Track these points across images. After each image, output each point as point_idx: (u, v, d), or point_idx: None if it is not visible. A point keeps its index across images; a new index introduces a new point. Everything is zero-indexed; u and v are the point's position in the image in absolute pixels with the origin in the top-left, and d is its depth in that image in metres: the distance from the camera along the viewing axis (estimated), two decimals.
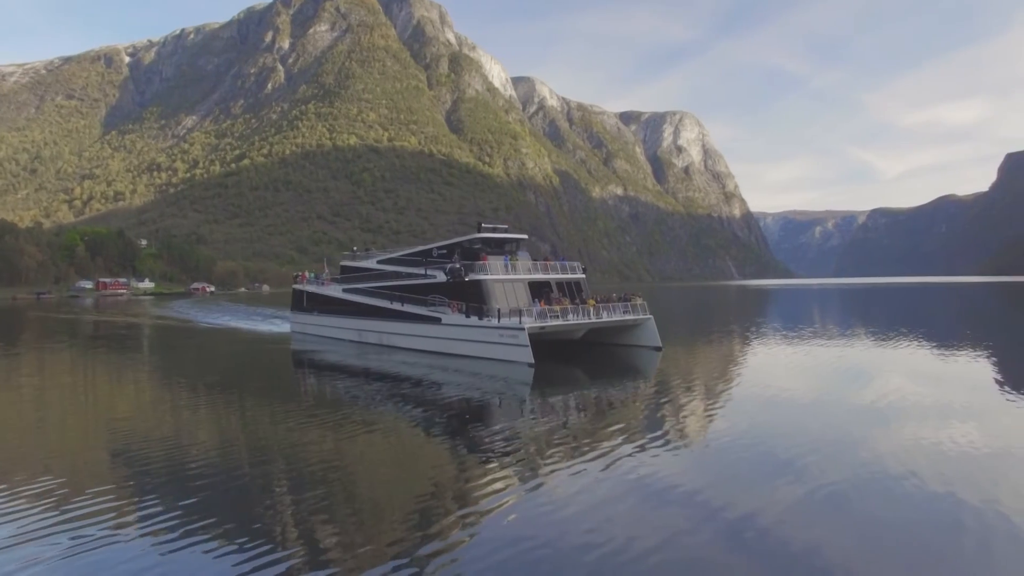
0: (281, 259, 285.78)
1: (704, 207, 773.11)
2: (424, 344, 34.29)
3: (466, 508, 10.85)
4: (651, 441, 15.11)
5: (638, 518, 10.36)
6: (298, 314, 49.04)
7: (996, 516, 10.33)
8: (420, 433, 16.42)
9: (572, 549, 9.15)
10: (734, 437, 15.58)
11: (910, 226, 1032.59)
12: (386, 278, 39.51)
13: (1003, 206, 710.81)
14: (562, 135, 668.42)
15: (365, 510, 10.81)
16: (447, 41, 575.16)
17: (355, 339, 40.70)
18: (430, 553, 9.09)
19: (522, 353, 28.29)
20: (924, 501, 11.10)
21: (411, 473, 13.14)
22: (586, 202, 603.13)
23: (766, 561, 8.87)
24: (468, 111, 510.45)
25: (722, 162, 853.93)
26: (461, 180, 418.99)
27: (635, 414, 18.54)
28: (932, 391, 21.84)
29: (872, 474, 12.55)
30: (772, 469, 12.93)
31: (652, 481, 12.18)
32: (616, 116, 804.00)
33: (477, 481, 12.33)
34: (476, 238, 36.01)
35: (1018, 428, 16.52)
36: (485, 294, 31.84)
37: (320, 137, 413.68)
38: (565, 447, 14.53)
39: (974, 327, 53.12)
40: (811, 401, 20.31)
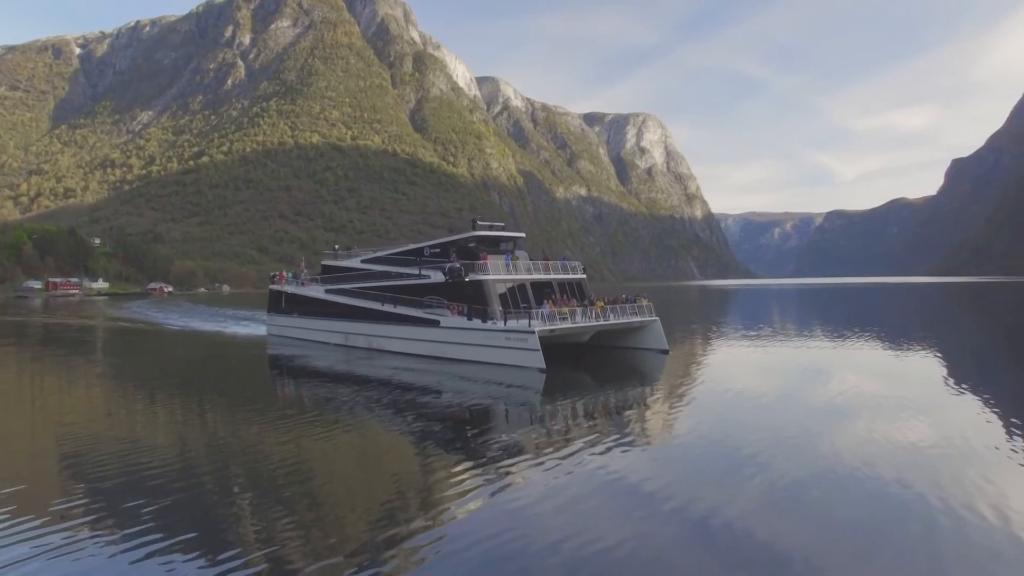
0: (242, 259, 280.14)
1: (667, 208, 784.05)
2: (420, 348, 32.59)
3: (436, 512, 10.89)
4: (618, 442, 15.42)
5: (605, 517, 10.58)
6: (276, 316, 46.66)
7: (944, 506, 10.95)
8: (416, 442, 15.76)
9: (540, 549, 9.31)
10: (700, 435, 16.09)
11: (865, 228, 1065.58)
12: (374, 278, 37.84)
13: (950, 210, 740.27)
14: (526, 135, 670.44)
15: (333, 516, 10.74)
16: (411, 40, 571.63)
17: (341, 343, 38.71)
18: (398, 555, 9.17)
19: (532, 358, 27.06)
20: (877, 493, 11.66)
21: (390, 479, 13.01)
22: (550, 202, 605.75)
23: (729, 555, 9.22)
24: (432, 110, 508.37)
25: (684, 164, 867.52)
26: (425, 180, 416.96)
27: (622, 419, 18.50)
28: (885, 388, 22.85)
29: (830, 468, 13.15)
30: (736, 466, 13.36)
31: (619, 481, 12.46)
32: (580, 117, 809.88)
33: (447, 484, 12.39)
34: (473, 236, 34.17)
35: (963, 422, 17.45)
36: (487, 295, 30.34)
37: (282, 135, 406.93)
38: (541, 450, 14.64)
39: (923, 326, 55.71)
40: (773, 399, 21.04)
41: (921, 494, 11.50)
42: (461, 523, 10.37)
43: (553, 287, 33.95)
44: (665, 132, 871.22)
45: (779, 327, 52.18)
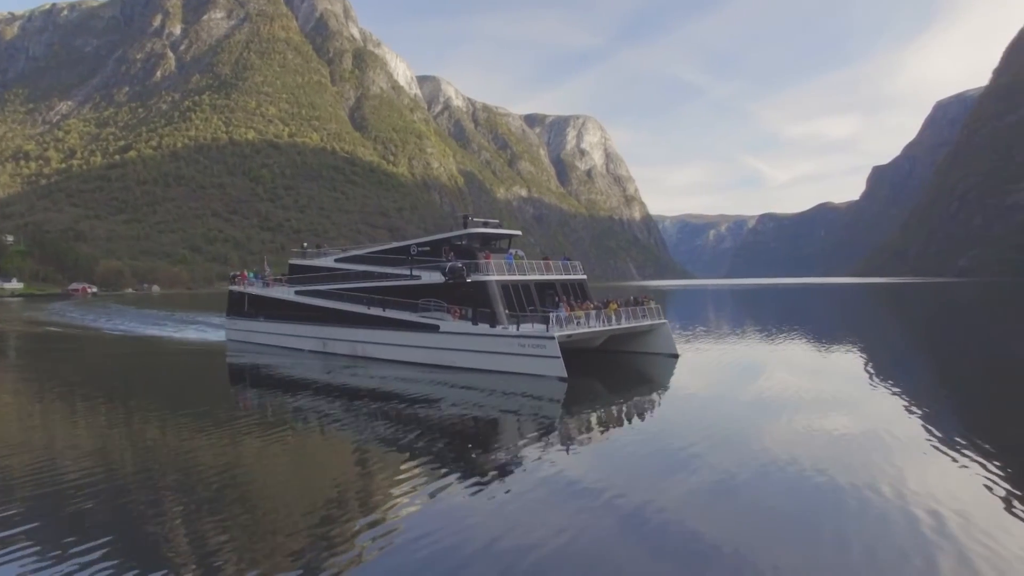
0: (172, 258, 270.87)
1: (606, 209, 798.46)
2: (415, 355, 30.37)
3: (376, 520, 11.05)
4: (563, 445, 16.22)
5: (545, 518, 11.13)
6: (237, 320, 43.34)
7: (866, 495, 12.11)
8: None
9: (475, 552, 9.72)
10: (637, 435, 17.36)
11: (794, 230, 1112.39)
12: (354, 279, 35.43)
13: (871, 214, 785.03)
14: (467, 136, 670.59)
15: (272, 530, 10.72)
16: (351, 36, 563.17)
17: (317, 349, 36.17)
18: (337, 565, 9.39)
19: (552, 366, 25.29)
20: (803, 484, 12.82)
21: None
22: (491, 203, 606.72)
23: (663, 547, 9.98)
24: (372, 109, 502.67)
25: (623, 166, 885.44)
26: (365, 179, 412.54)
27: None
28: (811, 384, 25.08)
29: (758, 462, 14.33)
30: (672, 464, 14.38)
31: (559, 483, 13.10)
32: (521, 118, 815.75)
33: (388, 493, 12.63)
34: (469, 233, 32.00)
35: (882, 415, 19.35)
36: (492, 297, 28.31)
37: (216, 130, 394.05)
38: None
39: (846, 325, 61.07)
40: (707, 396, 23.01)
41: (847, 487, 12.48)
42: (406, 532, 10.56)
43: (556, 288, 32.22)
44: (605, 134, 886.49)
45: (714, 326, 54.89)
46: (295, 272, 41.00)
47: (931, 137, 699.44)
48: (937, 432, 17.06)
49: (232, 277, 46.63)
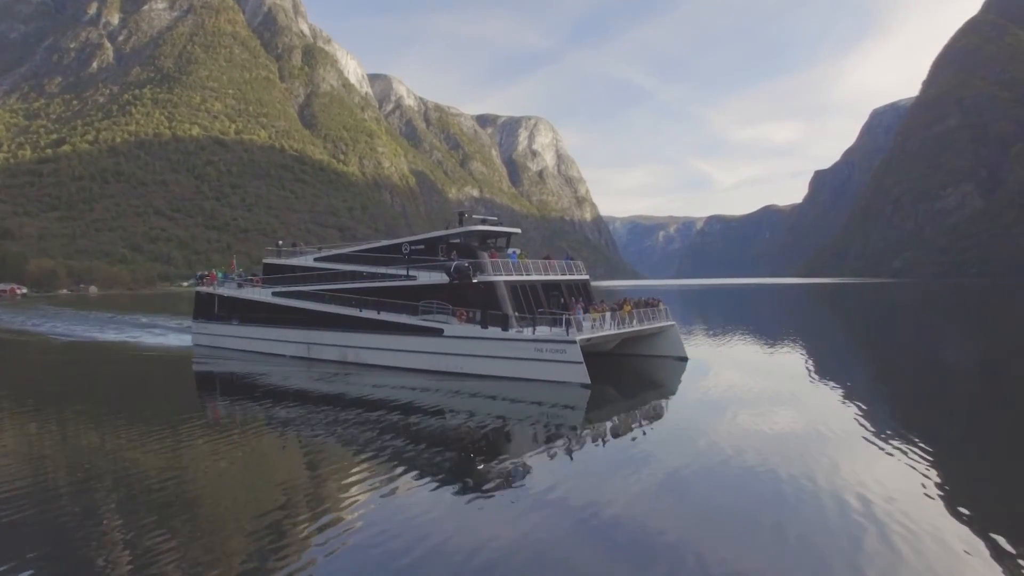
0: (111, 257, 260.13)
1: (557, 210, 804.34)
2: (417, 361, 28.62)
3: (320, 526, 11.09)
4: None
5: (493, 521, 11.38)
6: (206, 324, 40.72)
7: (809, 487, 12.87)
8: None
9: (428, 554, 9.92)
10: (592, 435, 17.84)
11: (740, 232, 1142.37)
12: (340, 279, 33.53)
13: (813, 217, 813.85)
14: (419, 135, 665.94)
15: (224, 541, 10.58)
16: (300, 32, 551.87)
17: (301, 355, 34.07)
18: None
19: (574, 371, 24.08)
20: (750, 479, 13.52)
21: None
22: (443, 203, 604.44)
23: (616, 548, 10.27)
24: (322, 106, 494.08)
25: (574, 167, 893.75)
26: (314, 178, 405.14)
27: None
28: (757, 381, 26.17)
29: (706, 458, 15.10)
30: (627, 463, 14.83)
31: (507, 487, 13.36)
32: (473, 119, 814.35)
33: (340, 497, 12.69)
34: (469, 231, 30.55)
35: (824, 411, 20.46)
36: (500, 299, 26.88)
37: (158, 125, 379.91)
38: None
39: (791, 323, 63.64)
40: (657, 395, 24.03)
41: (792, 480, 13.31)
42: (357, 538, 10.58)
43: (561, 289, 30.83)
44: (556, 136, 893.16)
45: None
46: (270, 272, 38.69)
47: (868, 143, 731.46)
48: (871, 426, 18.12)
49: (199, 277, 43.96)
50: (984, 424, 19.87)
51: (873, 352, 40.25)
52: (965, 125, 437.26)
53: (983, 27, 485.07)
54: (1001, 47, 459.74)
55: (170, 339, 45.95)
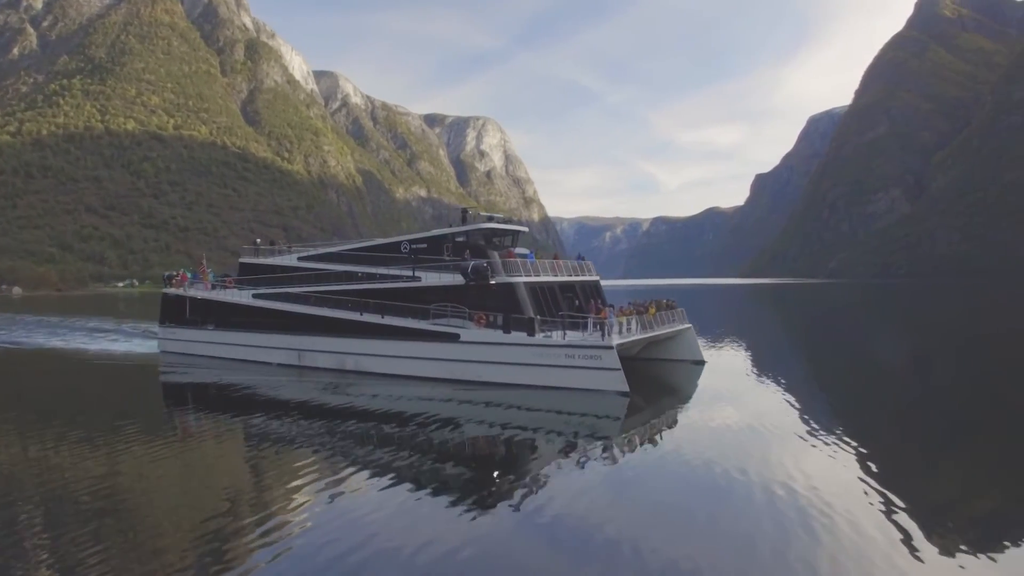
0: (38, 257, 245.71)
1: (505, 211, 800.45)
2: (428, 369, 26.85)
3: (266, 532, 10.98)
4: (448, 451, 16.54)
5: (439, 522, 11.51)
6: (176, 329, 37.70)
7: (747, 481, 13.53)
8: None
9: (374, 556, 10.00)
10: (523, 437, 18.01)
11: (685, 233, 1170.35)
12: (330, 280, 31.48)
13: (754, 219, 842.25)
14: (366, 134, 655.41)
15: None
16: (243, 26, 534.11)
17: (290, 363, 31.68)
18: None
19: (610, 379, 22.83)
20: (692, 474, 14.21)
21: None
22: (390, 203, 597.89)
23: (562, 545, 10.71)
24: (266, 103, 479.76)
25: (522, 168, 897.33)
26: (258, 176, 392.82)
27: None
28: (701, 380, 27.15)
29: (653, 456, 15.74)
30: (576, 464, 15.14)
31: (445, 486, 13.56)
32: (421, 118, 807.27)
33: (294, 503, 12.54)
34: (477, 229, 28.89)
35: (762, 408, 21.42)
36: (521, 302, 25.40)
37: (89, 118, 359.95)
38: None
39: (732, 322, 65.26)
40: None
41: (731, 474, 14.01)
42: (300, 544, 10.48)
43: (575, 290, 29.56)
44: (504, 136, 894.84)
45: None
46: (248, 273, 36.10)
47: (806, 148, 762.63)
48: (810, 422, 19.07)
49: (168, 278, 40.49)
50: (911, 418, 21.27)
51: (811, 350, 42.41)
52: (893, 134, 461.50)
53: (908, 42, 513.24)
54: (923, 62, 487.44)
55: (126, 345, 42.40)
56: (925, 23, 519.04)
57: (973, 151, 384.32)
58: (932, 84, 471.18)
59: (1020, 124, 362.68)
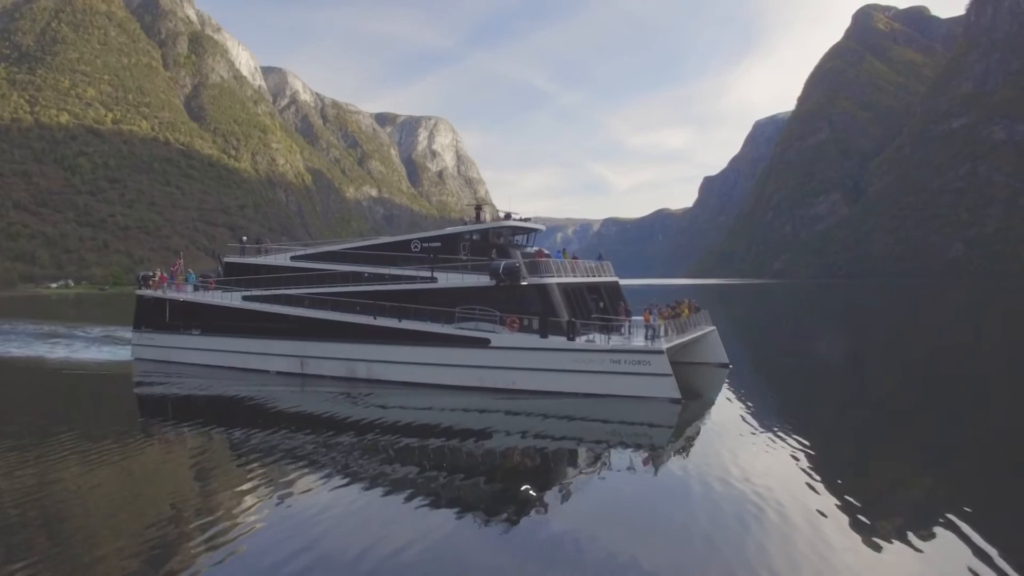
0: None
1: (457, 211, 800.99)
2: (454, 377, 25.11)
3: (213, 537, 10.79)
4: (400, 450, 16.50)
5: (391, 524, 11.52)
6: (154, 335, 34.70)
7: (681, 476, 14.27)
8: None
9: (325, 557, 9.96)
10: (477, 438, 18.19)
11: (635, 234, 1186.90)
12: (331, 281, 29.40)
13: (703, 220, 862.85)
14: (316, 132, 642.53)
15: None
16: (187, 18, 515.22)
17: (291, 370, 29.52)
18: None
19: (660, 385, 21.87)
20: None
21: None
22: (340, 202, 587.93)
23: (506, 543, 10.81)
24: (212, 98, 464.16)
25: (474, 168, 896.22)
26: (203, 173, 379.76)
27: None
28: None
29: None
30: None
31: (393, 487, 13.44)
32: (372, 117, 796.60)
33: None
34: (501, 226, 27.53)
35: (712, 408, 22.03)
36: (555, 304, 24.17)
37: (16, 109, 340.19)
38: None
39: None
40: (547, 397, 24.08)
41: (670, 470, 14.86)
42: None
43: (600, 291, 28.53)
44: (456, 136, 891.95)
45: None
46: (234, 273, 33.66)
47: (751, 152, 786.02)
48: (763, 422, 19.49)
49: (143, 279, 37.03)
50: (854, 413, 22.02)
51: (759, 350, 44.07)
52: (833, 139, 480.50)
53: (846, 52, 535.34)
54: (860, 71, 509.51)
55: (87, 353, 38.75)
56: (861, 35, 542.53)
57: (905, 158, 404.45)
58: (868, 93, 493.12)
59: (946, 133, 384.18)
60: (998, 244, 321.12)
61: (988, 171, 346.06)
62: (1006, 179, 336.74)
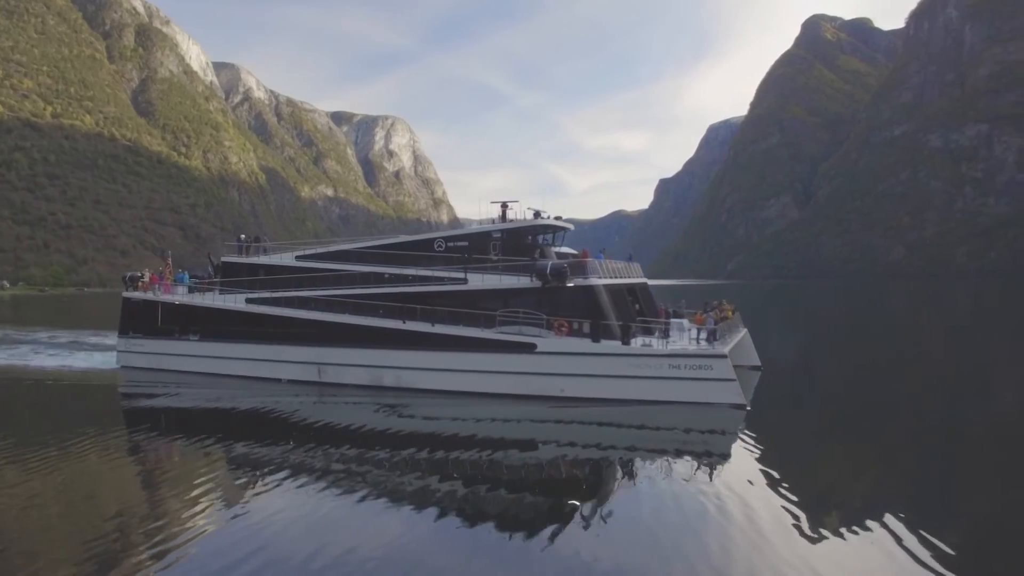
0: None
1: (414, 212, 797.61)
2: (495, 384, 23.97)
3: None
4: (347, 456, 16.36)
5: (346, 527, 11.63)
6: (145, 340, 32.10)
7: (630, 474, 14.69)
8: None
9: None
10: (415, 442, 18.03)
11: (592, 235, 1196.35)
12: (348, 282, 27.69)
13: (658, 222, 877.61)
14: (270, 130, 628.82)
15: None
16: (133, 9, 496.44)
17: (306, 378, 27.62)
18: None
19: (723, 390, 21.28)
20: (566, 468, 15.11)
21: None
22: (295, 202, 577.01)
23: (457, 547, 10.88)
24: (161, 93, 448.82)
25: (432, 169, 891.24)
26: (151, 171, 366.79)
27: None
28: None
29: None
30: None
31: (356, 494, 13.47)
32: (328, 116, 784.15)
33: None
34: (535, 225, 26.59)
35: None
36: (603, 307, 23.43)
37: None
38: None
39: None
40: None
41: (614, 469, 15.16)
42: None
43: (636, 293, 27.93)
44: (413, 136, 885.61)
45: None
46: (232, 273, 31.53)
47: (706, 155, 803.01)
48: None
49: (130, 280, 34.07)
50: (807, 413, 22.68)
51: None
52: (784, 144, 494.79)
53: (796, 60, 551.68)
54: (810, 79, 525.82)
55: (63, 359, 35.47)
56: (810, 44, 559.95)
57: (851, 163, 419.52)
58: (817, 100, 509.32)
59: (889, 140, 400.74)
60: (935, 247, 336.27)
61: (926, 177, 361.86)
62: (942, 185, 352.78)
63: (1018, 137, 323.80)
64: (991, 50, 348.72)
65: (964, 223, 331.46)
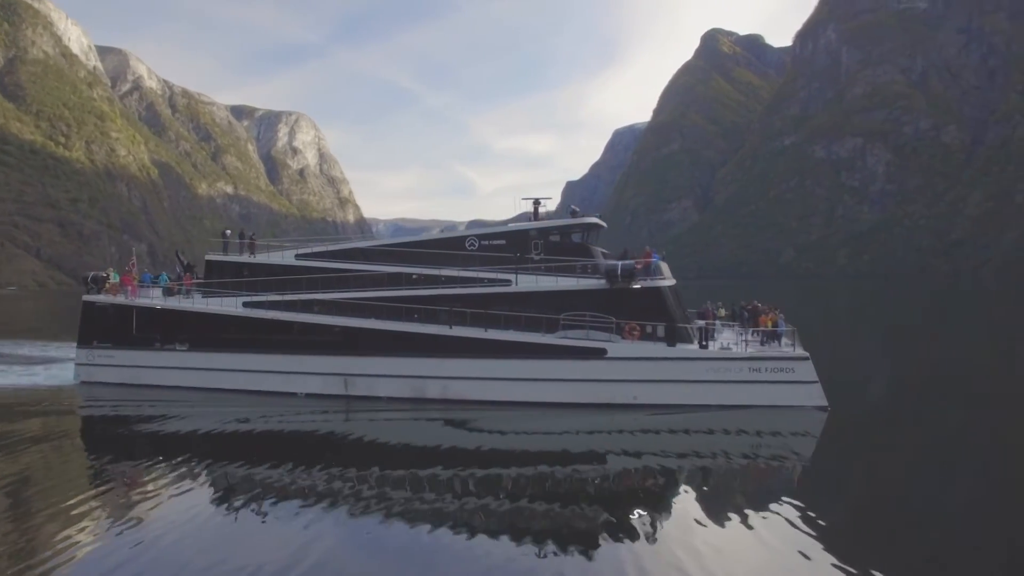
0: None
1: (319, 211, 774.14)
2: (559, 393, 22.61)
3: None
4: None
5: (254, 533, 11.82)
6: (115, 351, 27.70)
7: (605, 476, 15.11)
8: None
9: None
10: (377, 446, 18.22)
11: None
12: (357, 284, 25.10)
13: None
14: (163, 122, 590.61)
15: None
16: None
17: (329, 391, 24.69)
18: None
19: (806, 393, 20.94)
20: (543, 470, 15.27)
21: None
22: (191, 199, 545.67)
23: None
24: (33, 76, 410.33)
25: (337, 167, 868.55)
26: (23, 161, 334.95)
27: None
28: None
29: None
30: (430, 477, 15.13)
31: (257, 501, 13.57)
32: (227, 109, 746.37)
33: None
34: (583, 223, 25.73)
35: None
36: (669, 309, 22.89)
37: None
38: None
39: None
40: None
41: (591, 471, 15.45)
42: None
43: (679, 295, 27.21)
44: (319, 133, 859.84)
45: None
46: (218, 273, 28.04)
47: (611, 159, 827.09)
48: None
49: (93, 281, 29.36)
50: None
51: None
52: (685, 150, 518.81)
53: (696, 70, 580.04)
54: (708, 88, 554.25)
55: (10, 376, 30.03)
56: (709, 56, 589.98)
57: (746, 170, 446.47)
58: (715, 109, 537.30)
59: (779, 150, 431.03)
60: (820, 250, 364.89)
61: (812, 185, 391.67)
62: (825, 192, 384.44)
63: (886, 152, 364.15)
64: (863, 72, 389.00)
65: (843, 228, 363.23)
